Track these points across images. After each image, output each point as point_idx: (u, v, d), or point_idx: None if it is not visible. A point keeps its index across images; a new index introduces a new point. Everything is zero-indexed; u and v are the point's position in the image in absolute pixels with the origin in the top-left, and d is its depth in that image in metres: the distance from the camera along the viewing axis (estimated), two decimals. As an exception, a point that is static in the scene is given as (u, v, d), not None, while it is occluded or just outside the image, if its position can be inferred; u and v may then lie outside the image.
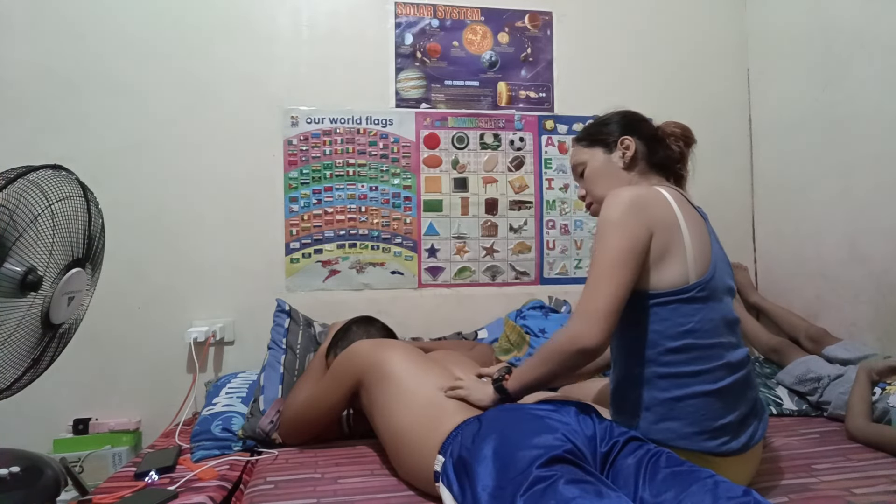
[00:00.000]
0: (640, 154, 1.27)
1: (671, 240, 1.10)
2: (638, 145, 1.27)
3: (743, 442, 1.10)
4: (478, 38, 2.27)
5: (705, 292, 1.10)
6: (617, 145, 1.28)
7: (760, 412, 1.17)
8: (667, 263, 1.10)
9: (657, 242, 1.10)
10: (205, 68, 2.07)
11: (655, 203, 1.13)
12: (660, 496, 0.90)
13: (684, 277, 1.10)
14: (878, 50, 1.82)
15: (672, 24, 2.39)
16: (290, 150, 2.13)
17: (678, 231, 1.11)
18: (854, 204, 1.92)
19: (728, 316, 1.15)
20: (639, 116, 1.33)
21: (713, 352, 1.10)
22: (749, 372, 1.15)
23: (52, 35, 1.97)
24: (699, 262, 1.11)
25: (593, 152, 1.31)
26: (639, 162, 1.27)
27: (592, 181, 1.31)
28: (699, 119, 2.42)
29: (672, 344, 1.09)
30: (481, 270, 2.24)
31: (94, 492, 1.27)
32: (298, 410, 1.48)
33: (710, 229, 1.22)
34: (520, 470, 0.92)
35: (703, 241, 1.15)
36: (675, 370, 1.09)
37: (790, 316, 2.11)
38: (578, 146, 1.35)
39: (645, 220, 1.10)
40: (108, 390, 1.96)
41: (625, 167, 1.27)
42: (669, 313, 1.09)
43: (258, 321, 1.98)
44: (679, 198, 1.18)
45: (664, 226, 1.11)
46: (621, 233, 1.08)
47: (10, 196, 1.03)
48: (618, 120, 1.31)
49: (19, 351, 1.11)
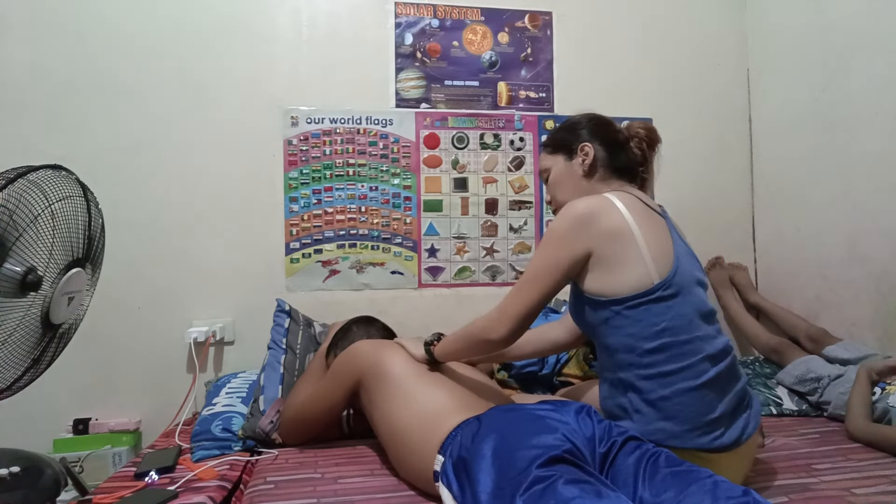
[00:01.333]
0: (599, 160, 1.28)
1: (623, 247, 1.13)
2: (598, 151, 1.28)
3: (735, 435, 1.10)
4: (478, 38, 2.27)
5: (672, 289, 1.11)
6: (577, 152, 1.29)
7: (750, 402, 1.17)
8: (623, 269, 1.12)
9: (604, 253, 1.14)
10: (205, 69, 2.07)
11: (604, 214, 1.15)
12: (659, 496, 0.90)
13: (646, 279, 1.11)
14: (878, 50, 1.82)
15: (672, 24, 2.39)
16: (290, 150, 2.13)
17: (630, 238, 1.13)
18: (854, 204, 1.92)
19: (702, 308, 1.15)
20: (603, 120, 1.33)
21: (692, 346, 1.11)
22: (733, 361, 1.16)
23: (52, 35, 1.97)
24: (660, 261, 1.13)
25: (556, 159, 1.33)
26: (598, 168, 1.28)
27: (555, 188, 1.33)
28: (699, 119, 2.46)
29: (649, 345, 1.10)
30: (481, 270, 2.24)
31: (94, 492, 1.27)
32: (298, 410, 1.48)
33: (671, 226, 1.23)
34: (519, 470, 0.92)
35: (662, 240, 1.16)
36: (657, 370, 1.10)
37: (790, 316, 2.11)
38: (544, 152, 1.38)
39: (586, 238, 1.14)
40: (108, 390, 1.96)
41: (584, 174, 1.28)
42: (641, 314, 1.11)
43: (258, 321, 1.98)
44: (633, 202, 1.18)
45: (612, 237, 1.13)
46: (560, 245, 1.16)
47: (10, 196, 1.03)
48: (582, 125, 1.32)
49: (19, 351, 1.11)
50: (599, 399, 1.23)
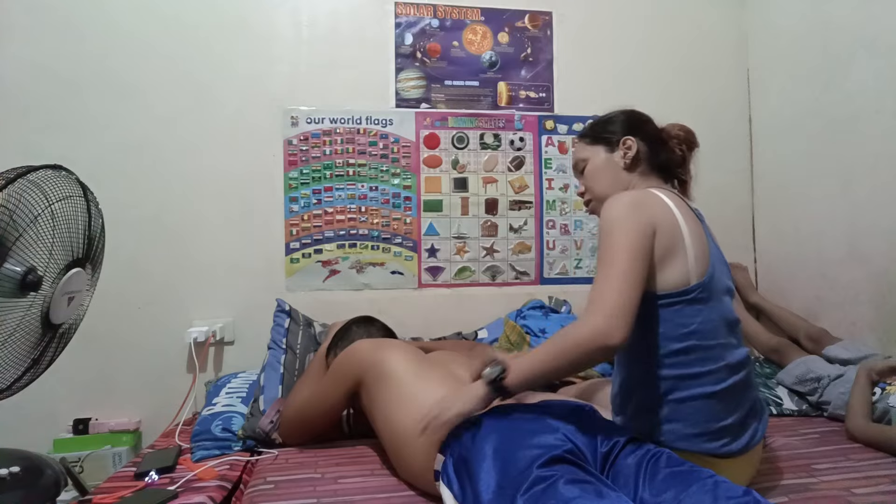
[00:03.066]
0: (641, 155, 1.26)
1: (673, 240, 1.10)
2: (640, 146, 1.26)
3: (743, 443, 1.10)
4: (478, 38, 2.27)
5: (706, 293, 1.10)
6: (619, 145, 1.27)
7: (760, 412, 1.17)
8: (670, 264, 1.09)
9: (660, 241, 1.09)
10: (205, 68, 2.07)
11: (655, 203, 1.13)
12: (660, 496, 0.90)
13: (686, 278, 1.09)
14: (878, 50, 1.82)
15: (672, 24, 2.39)
16: (290, 150, 2.13)
17: (679, 231, 1.11)
18: (854, 204, 1.92)
19: (728, 316, 1.15)
20: (643, 117, 1.33)
21: (715, 353, 1.10)
22: (749, 373, 1.15)
23: (53, 35, 1.97)
24: (699, 263, 1.11)
25: (595, 150, 1.31)
26: (640, 163, 1.27)
27: (593, 179, 1.31)
28: (699, 119, 2.42)
29: (677, 346, 1.09)
30: (481, 270, 2.24)
31: (94, 492, 1.27)
32: (298, 410, 1.48)
33: (708, 231, 1.22)
34: (520, 469, 0.92)
35: (702, 243, 1.15)
36: (679, 372, 1.09)
37: (790, 316, 2.11)
38: (581, 143, 1.35)
39: (648, 218, 1.09)
40: (108, 390, 1.96)
41: (626, 167, 1.26)
42: (672, 315, 1.09)
43: (258, 321, 1.98)
44: (677, 200, 1.17)
45: (666, 225, 1.10)
46: (628, 228, 1.07)
47: (10, 196, 1.03)
48: (622, 119, 1.31)
49: (19, 351, 1.11)
50: (610, 395, 1.22)
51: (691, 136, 1.32)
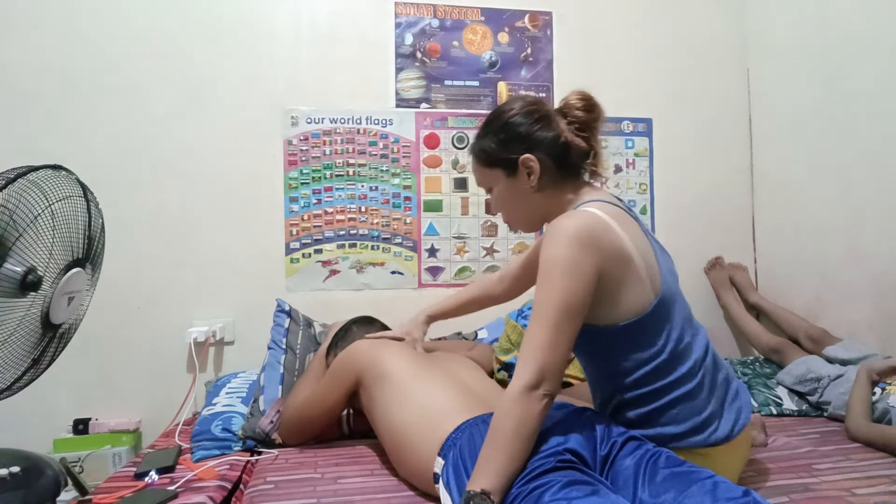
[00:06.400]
0: (547, 168, 1.12)
1: (624, 271, 1.03)
2: (543, 159, 1.12)
3: (729, 427, 1.08)
4: (478, 38, 2.27)
5: (667, 303, 1.07)
6: (519, 167, 1.13)
7: (738, 393, 1.14)
8: (625, 293, 1.03)
9: (611, 277, 1.01)
10: (205, 68, 2.07)
11: (602, 237, 1.02)
12: (659, 497, 0.90)
13: (645, 299, 1.04)
14: (878, 50, 1.82)
15: (672, 24, 2.39)
16: (290, 150, 2.13)
17: (628, 257, 1.03)
18: (854, 204, 1.92)
19: (686, 310, 1.12)
20: (536, 112, 1.14)
21: (686, 352, 1.08)
22: (713, 353, 1.13)
23: (53, 35, 1.97)
24: (652, 277, 1.06)
25: (494, 174, 1.17)
26: (548, 176, 1.13)
27: (503, 206, 1.20)
28: (699, 119, 2.46)
29: (646, 367, 1.05)
30: (481, 270, 2.24)
31: (94, 492, 1.27)
32: (298, 410, 1.48)
33: (643, 227, 1.14)
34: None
35: (648, 251, 1.08)
36: (653, 387, 1.06)
37: (790, 316, 2.11)
38: (476, 163, 1.20)
39: (594, 258, 0.99)
40: (108, 390, 1.96)
41: (535, 190, 1.13)
42: (641, 336, 1.05)
43: (258, 321, 1.98)
44: (613, 212, 1.07)
45: (615, 257, 1.02)
46: (571, 274, 0.98)
47: (10, 196, 1.03)
48: (514, 132, 1.13)
49: (19, 351, 1.11)
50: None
51: (592, 107, 1.14)
